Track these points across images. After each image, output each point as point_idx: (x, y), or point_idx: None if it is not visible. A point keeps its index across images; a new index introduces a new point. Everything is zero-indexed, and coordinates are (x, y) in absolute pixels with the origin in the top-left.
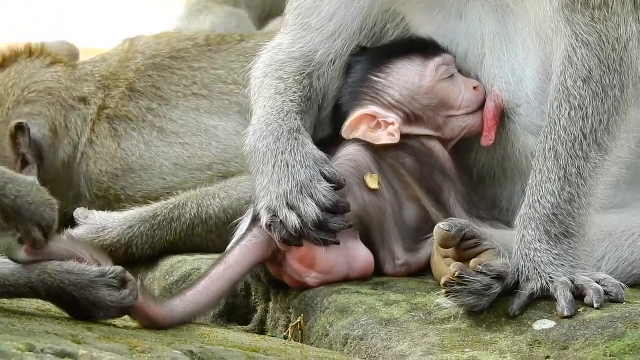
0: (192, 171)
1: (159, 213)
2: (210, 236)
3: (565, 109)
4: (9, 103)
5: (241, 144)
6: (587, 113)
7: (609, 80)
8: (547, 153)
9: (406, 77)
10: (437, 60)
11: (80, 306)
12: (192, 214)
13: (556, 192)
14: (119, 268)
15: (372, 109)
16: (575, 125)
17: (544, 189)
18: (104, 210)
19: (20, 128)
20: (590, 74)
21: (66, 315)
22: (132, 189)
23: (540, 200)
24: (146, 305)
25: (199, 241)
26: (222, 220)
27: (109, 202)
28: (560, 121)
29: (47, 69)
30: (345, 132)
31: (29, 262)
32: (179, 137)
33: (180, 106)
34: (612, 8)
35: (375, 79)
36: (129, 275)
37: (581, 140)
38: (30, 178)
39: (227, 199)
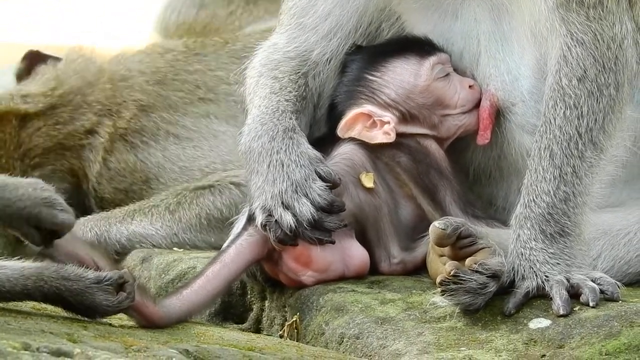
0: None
1: None
2: None
3: (561, 108)
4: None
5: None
6: (582, 112)
7: (604, 79)
8: (542, 152)
9: (401, 75)
10: (433, 59)
11: (77, 308)
12: None
13: (551, 192)
14: (116, 273)
15: (367, 107)
16: (571, 124)
17: (539, 188)
18: None
19: None
20: (585, 72)
21: (62, 314)
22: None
23: (536, 199)
24: (143, 304)
25: None
26: None
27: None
28: (555, 120)
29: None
30: (340, 131)
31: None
32: (192, 141)
33: (189, 112)
34: (606, 7)
35: (370, 77)
36: (127, 275)
37: (576, 139)
38: (28, 180)
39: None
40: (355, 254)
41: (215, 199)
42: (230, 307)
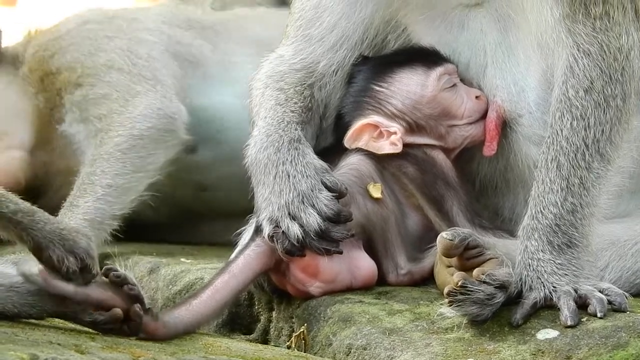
0: None
1: None
2: None
3: (567, 119)
4: None
5: None
6: (589, 123)
7: (611, 90)
8: (549, 163)
9: (408, 86)
10: (439, 69)
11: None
12: None
13: (559, 203)
14: (115, 315)
15: (374, 118)
16: (578, 135)
17: (546, 199)
18: None
19: None
20: (592, 84)
21: (69, 325)
22: None
23: (543, 210)
24: (146, 323)
25: None
26: None
27: None
28: (562, 131)
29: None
30: (347, 141)
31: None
32: None
33: None
34: (613, 18)
35: (377, 88)
36: (134, 313)
37: (583, 150)
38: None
39: None
40: (362, 264)
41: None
42: (237, 318)
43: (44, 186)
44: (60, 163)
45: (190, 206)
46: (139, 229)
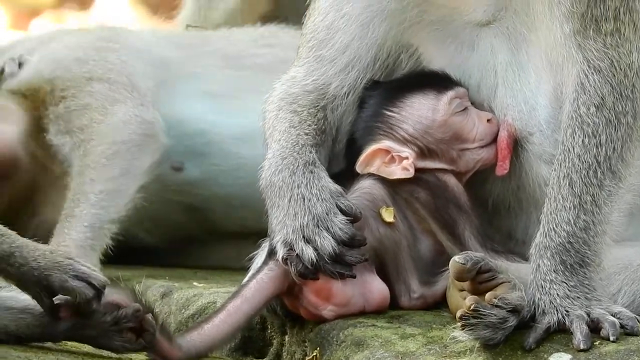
0: None
1: None
2: None
3: (579, 136)
4: None
5: None
6: (600, 140)
7: (622, 107)
8: (561, 181)
9: (419, 111)
10: (450, 93)
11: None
12: None
13: (571, 220)
14: (133, 308)
15: (385, 143)
16: (589, 152)
17: (558, 217)
18: None
19: None
20: (603, 100)
21: (82, 349)
22: None
23: (556, 228)
24: (162, 344)
25: None
26: None
27: None
28: (574, 149)
29: None
30: (359, 166)
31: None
32: None
33: None
34: (624, 34)
35: (388, 113)
36: (147, 322)
37: (595, 167)
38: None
39: None
40: (375, 288)
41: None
42: (250, 342)
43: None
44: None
45: (187, 228)
46: (150, 253)
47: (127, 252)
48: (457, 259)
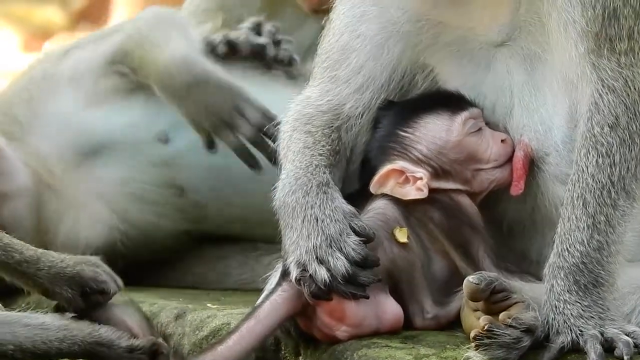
0: None
1: None
2: None
3: (593, 156)
4: None
5: None
6: (614, 160)
7: (636, 126)
8: (575, 201)
9: (433, 131)
10: (465, 114)
11: None
12: None
13: (585, 241)
14: (149, 341)
15: (400, 163)
16: (603, 172)
17: (572, 237)
18: None
19: None
20: (617, 120)
21: None
22: None
23: (569, 248)
24: None
25: None
26: None
27: None
28: (588, 169)
29: None
30: (373, 187)
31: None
32: None
33: None
34: (638, 53)
35: (402, 133)
36: (162, 345)
37: (609, 187)
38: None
39: None
40: (389, 309)
41: None
42: None
43: None
44: None
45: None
46: (162, 272)
47: (139, 271)
48: (470, 279)
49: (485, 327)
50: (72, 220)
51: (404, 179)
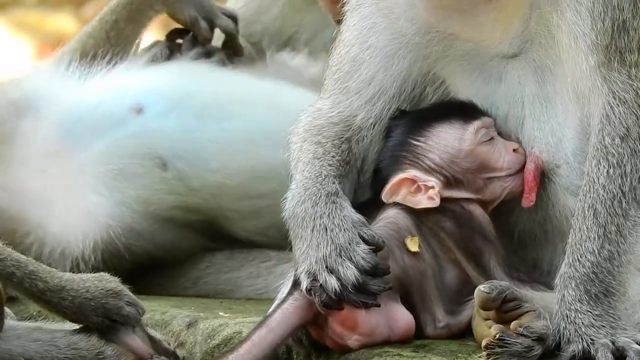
0: None
1: None
2: None
3: (604, 166)
4: None
5: None
6: (625, 170)
7: None
8: (586, 211)
9: (446, 140)
10: (477, 123)
11: None
12: None
13: (596, 251)
14: None
15: (411, 172)
16: (614, 183)
17: (583, 247)
18: None
19: None
20: (628, 131)
21: None
22: None
23: (580, 258)
24: None
25: None
26: None
27: None
28: (599, 179)
29: None
30: (385, 196)
31: None
32: None
33: None
34: None
35: (414, 142)
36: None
37: (620, 197)
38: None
39: None
40: (400, 317)
41: None
42: None
43: None
44: None
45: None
46: (178, 281)
47: (151, 279)
48: (482, 288)
49: (497, 336)
50: (63, 211)
51: (415, 188)
